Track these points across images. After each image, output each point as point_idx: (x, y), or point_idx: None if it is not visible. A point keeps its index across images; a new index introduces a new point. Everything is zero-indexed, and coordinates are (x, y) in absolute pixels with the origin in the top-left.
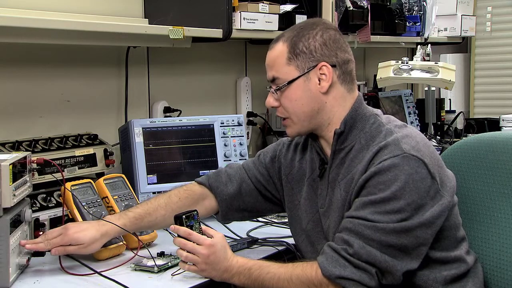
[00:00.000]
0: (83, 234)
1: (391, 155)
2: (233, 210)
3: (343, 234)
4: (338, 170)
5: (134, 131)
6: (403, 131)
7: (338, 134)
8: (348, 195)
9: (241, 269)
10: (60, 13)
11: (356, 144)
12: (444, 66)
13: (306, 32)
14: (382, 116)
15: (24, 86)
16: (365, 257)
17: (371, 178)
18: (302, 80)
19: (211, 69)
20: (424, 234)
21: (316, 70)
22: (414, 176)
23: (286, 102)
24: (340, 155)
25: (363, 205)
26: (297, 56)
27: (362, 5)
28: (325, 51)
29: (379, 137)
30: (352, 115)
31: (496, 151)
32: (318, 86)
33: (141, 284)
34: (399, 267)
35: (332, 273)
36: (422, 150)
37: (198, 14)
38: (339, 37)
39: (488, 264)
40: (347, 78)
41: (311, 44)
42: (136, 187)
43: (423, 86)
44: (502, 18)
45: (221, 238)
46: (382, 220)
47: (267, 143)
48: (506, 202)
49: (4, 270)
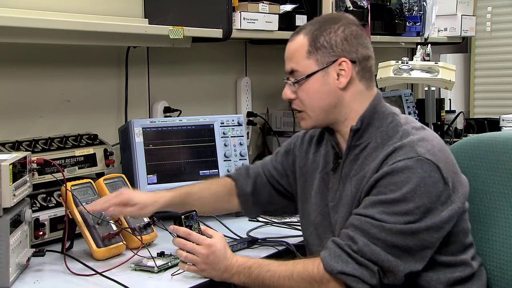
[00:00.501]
0: (138, 195)
1: (405, 156)
2: (251, 205)
3: (348, 231)
4: (351, 166)
5: (134, 131)
6: (420, 133)
7: (354, 131)
8: (359, 192)
9: (241, 268)
10: (60, 13)
11: (372, 142)
12: (444, 66)
13: (328, 26)
14: (401, 115)
15: (24, 86)
16: (369, 255)
17: (383, 178)
18: (321, 74)
19: (211, 69)
20: (431, 238)
21: (336, 65)
22: (427, 180)
23: (303, 95)
24: (355, 151)
25: (372, 204)
26: (317, 50)
27: (362, 5)
28: (346, 47)
29: (395, 137)
30: (370, 113)
31: (496, 151)
32: (336, 81)
33: (141, 284)
34: (401, 267)
35: (334, 268)
36: (437, 154)
37: (198, 14)
38: (361, 33)
39: (488, 264)
40: (366, 74)
41: (332, 39)
42: (136, 187)
43: (423, 86)
44: (502, 18)
45: (221, 238)
46: (390, 220)
47: (267, 143)
48: (506, 202)
49: (4, 270)
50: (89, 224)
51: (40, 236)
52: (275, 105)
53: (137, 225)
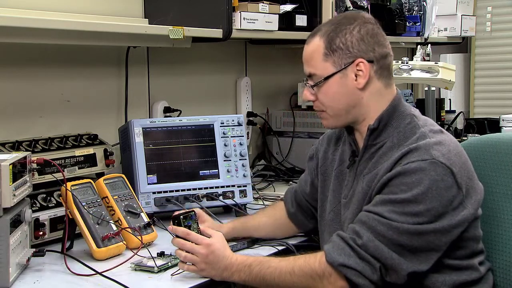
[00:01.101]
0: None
1: (419, 158)
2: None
3: (355, 225)
4: (366, 164)
5: (134, 131)
6: (437, 137)
7: (371, 130)
8: (370, 189)
9: (241, 266)
10: (60, 13)
11: (388, 142)
12: (444, 66)
13: (343, 27)
14: (420, 117)
15: (24, 86)
16: (372, 250)
17: (395, 177)
18: (339, 76)
19: (211, 69)
20: (437, 241)
21: (353, 66)
22: (439, 184)
23: (323, 97)
24: (371, 150)
25: (382, 202)
26: (333, 52)
27: (362, 5)
28: (362, 47)
29: (412, 138)
30: (389, 112)
31: (500, 152)
32: (354, 82)
33: (141, 284)
34: (405, 266)
35: (335, 260)
36: (452, 159)
37: (198, 14)
38: (377, 31)
39: (492, 265)
40: (384, 73)
41: (348, 40)
42: (136, 187)
43: (423, 86)
44: (502, 18)
45: (220, 238)
46: (398, 219)
47: (267, 143)
48: (509, 203)
49: (4, 270)
50: (89, 224)
51: (40, 236)
52: (275, 105)
53: (137, 225)
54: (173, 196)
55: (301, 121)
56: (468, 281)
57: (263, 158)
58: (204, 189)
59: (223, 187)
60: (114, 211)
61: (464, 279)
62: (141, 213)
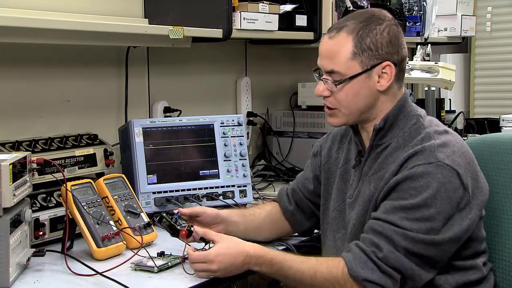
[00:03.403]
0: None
1: (425, 161)
2: (300, 221)
3: (371, 236)
4: (371, 164)
5: (134, 131)
6: (442, 138)
7: (377, 130)
8: (377, 191)
9: (261, 260)
10: (60, 13)
11: (394, 142)
12: (444, 66)
13: (373, 27)
14: (426, 117)
15: (24, 86)
16: (393, 262)
17: (403, 182)
18: (364, 76)
19: (211, 69)
20: (451, 248)
21: (379, 68)
22: (447, 186)
23: (341, 95)
24: (377, 150)
25: (393, 210)
26: (363, 52)
27: (362, 5)
28: (390, 49)
29: (417, 139)
30: (395, 113)
31: (501, 152)
32: (377, 84)
33: (141, 284)
34: (423, 276)
35: (359, 275)
36: (457, 160)
37: (198, 14)
38: (401, 33)
39: (492, 265)
40: (401, 75)
41: (378, 41)
42: (136, 187)
43: (423, 86)
44: (502, 18)
45: (222, 239)
46: (412, 227)
47: (267, 143)
48: (509, 203)
49: (4, 270)
50: (89, 224)
51: (40, 236)
52: (275, 105)
53: (137, 225)
54: (173, 196)
55: (301, 121)
56: (471, 281)
57: (263, 158)
58: (204, 189)
59: (223, 187)
60: (114, 211)
61: (467, 279)
62: (141, 213)
